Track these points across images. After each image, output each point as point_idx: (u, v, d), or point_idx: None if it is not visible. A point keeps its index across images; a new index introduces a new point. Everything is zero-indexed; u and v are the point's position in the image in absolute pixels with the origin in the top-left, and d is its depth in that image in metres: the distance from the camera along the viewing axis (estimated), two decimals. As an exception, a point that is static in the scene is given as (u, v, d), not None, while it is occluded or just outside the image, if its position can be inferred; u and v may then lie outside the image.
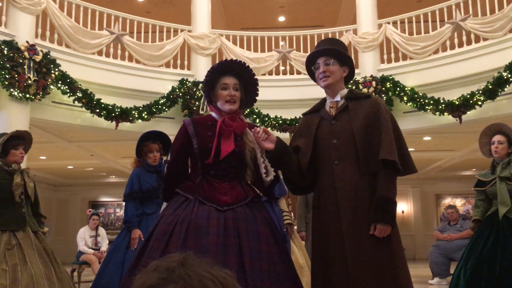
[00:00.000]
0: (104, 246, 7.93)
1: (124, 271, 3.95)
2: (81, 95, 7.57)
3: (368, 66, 8.75)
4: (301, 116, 2.77)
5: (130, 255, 4.03)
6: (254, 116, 8.43)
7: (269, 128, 8.35)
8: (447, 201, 15.43)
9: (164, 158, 4.54)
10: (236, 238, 2.18)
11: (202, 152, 2.38)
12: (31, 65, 7.06)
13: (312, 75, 2.68)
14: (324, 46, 2.62)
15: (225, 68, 2.49)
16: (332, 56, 2.56)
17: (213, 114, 2.52)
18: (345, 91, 2.60)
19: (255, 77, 2.57)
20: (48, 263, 3.75)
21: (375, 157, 2.36)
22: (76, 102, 7.62)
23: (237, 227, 2.21)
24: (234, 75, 2.49)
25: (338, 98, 2.57)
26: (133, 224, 4.16)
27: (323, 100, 2.66)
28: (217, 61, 9.26)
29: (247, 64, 2.55)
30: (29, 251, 3.69)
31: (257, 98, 2.61)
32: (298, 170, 2.51)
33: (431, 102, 7.92)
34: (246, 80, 2.53)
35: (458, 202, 15.47)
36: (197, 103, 8.36)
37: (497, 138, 3.99)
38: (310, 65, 2.64)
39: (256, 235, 2.23)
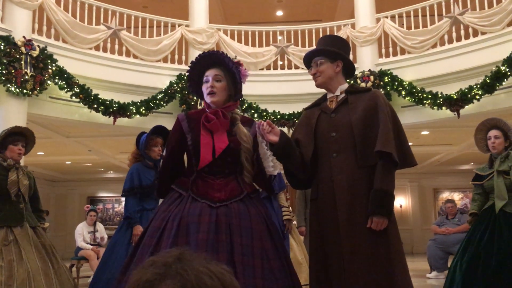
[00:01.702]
0: (105, 239, 7.99)
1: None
2: (78, 90, 7.55)
3: (366, 60, 8.74)
4: (303, 110, 2.79)
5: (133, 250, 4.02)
6: (252, 111, 8.43)
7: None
8: (445, 195, 15.47)
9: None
10: (227, 235, 2.15)
11: (196, 148, 2.34)
12: (28, 60, 7.03)
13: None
14: (318, 46, 2.65)
15: (208, 61, 2.43)
16: (320, 56, 2.58)
17: (207, 109, 2.50)
18: (345, 85, 2.61)
19: (235, 65, 2.44)
20: (45, 258, 3.73)
21: (372, 149, 2.37)
22: (73, 97, 7.60)
23: (229, 223, 2.18)
24: (219, 66, 2.42)
25: (338, 92, 2.59)
26: (134, 220, 4.13)
27: (325, 95, 2.68)
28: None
29: (225, 54, 2.46)
30: (26, 247, 3.67)
31: (240, 87, 2.47)
32: (300, 163, 2.51)
33: (429, 96, 7.92)
34: (232, 70, 2.43)
35: (456, 196, 15.52)
36: (194, 98, 8.34)
37: (493, 133, 4.00)
38: (309, 66, 2.69)
39: (249, 231, 2.20)
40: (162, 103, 8.27)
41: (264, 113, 8.52)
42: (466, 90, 7.58)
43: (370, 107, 2.45)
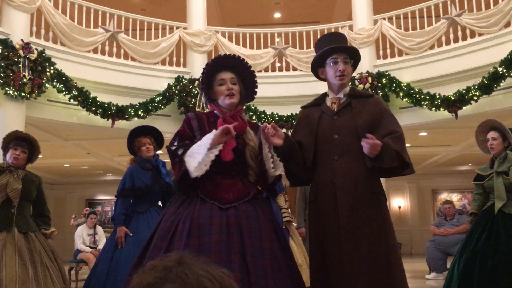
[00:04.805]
0: (102, 245, 7.94)
1: (111, 268, 3.95)
2: (76, 93, 7.55)
3: (364, 62, 8.73)
4: (300, 108, 2.75)
5: (118, 253, 4.03)
6: (251, 113, 8.43)
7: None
8: (444, 196, 15.49)
9: (158, 152, 4.51)
10: (238, 236, 2.16)
11: None
12: (26, 63, 7.03)
13: (315, 66, 2.64)
14: (341, 41, 2.59)
15: (221, 64, 2.47)
16: (351, 56, 2.57)
17: (215, 112, 2.51)
18: (347, 88, 2.61)
19: (252, 69, 2.55)
20: (27, 265, 3.56)
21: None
22: (71, 100, 7.60)
23: (239, 225, 2.20)
24: (230, 70, 2.47)
25: (341, 95, 2.58)
26: (118, 221, 4.12)
27: (324, 95, 2.66)
28: (213, 58, 9.24)
29: (242, 57, 2.52)
30: (8, 253, 3.54)
31: (256, 90, 2.58)
32: (302, 165, 2.52)
33: (427, 97, 7.94)
34: (244, 74, 2.52)
35: (455, 197, 15.54)
36: (193, 100, 8.35)
37: (490, 134, 4.06)
38: (323, 55, 2.57)
39: (258, 232, 2.22)
40: (160, 105, 8.28)
41: (262, 115, 8.52)
42: (464, 91, 7.60)
43: (375, 113, 2.48)
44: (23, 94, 6.97)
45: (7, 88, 6.87)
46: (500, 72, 7.22)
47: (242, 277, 2.04)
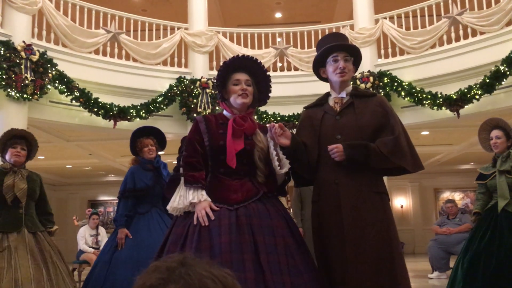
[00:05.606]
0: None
1: (110, 270, 3.96)
2: (78, 94, 7.56)
3: (365, 61, 8.68)
4: (303, 109, 2.76)
5: (117, 254, 4.03)
6: (252, 113, 8.43)
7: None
8: (446, 195, 15.46)
9: (160, 152, 4.52)
10: (250, 235, 2.17)
11: (213, 149, 2.38)
12: (28, 65, 7.05)
13: (316, 66, 2.65)
14: (341, 41, 2.60)
15: (237, 65, 2.49)
16: (351, 54, 2.57)
17: (225, 112, 2.52)
18: (350, 88, 2.62)
19: (268, 73, 2.57)
20: (40, 265, 3.62)
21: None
22: (73, 101, 7.61)
23: (250, 223, 2.20)
24: (246, 71, 2.50)
25: (343, 94, 2.58)
26: (120, 223, 4.13)
27: (326, 95, 2.66)
28: (214, 59, 9.29)
29: (259, 61, 2.55)
30: (21, 253, 3.58)
31: (270, 95, 2.60)
32: (307, 165, 2.52)
33: (429, 96, 7.93)
34: (259, 77, 2.54)
35: (457, 196, 15.51)
36: (194, 100, 8.36)
37: (494, 133, 4.06)
38: (323, 54, 2.59)
39: (270, 230, 2.22)
40: (162, 106, 8.29)
41: (264, 115, 8.53)
42: (466, 90, 7.59)
43: (378, 113, 2.48)
44: (25, 95, 6.99)
45: (9, 90, 6.89)
46: (502, 71, 7.21)
47: (256, 276, 2.04)
